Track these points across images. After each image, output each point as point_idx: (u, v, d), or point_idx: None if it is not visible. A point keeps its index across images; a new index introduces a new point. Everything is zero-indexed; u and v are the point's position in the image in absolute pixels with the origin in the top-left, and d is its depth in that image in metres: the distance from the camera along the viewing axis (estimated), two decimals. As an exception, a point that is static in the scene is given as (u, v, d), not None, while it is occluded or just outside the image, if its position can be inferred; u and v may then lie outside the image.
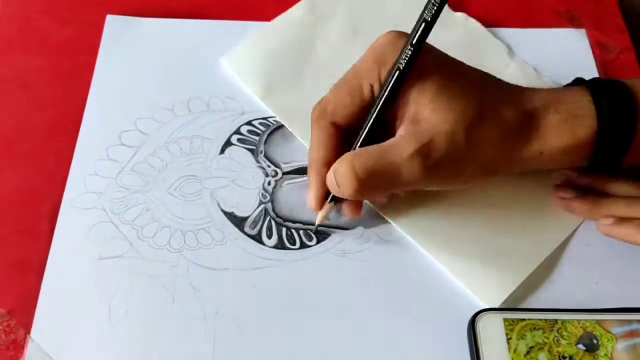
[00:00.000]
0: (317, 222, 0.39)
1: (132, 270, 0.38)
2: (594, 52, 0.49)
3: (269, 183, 0.42)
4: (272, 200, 0.41)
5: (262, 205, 0.41)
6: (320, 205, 0.38)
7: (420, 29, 0.34)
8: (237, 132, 0.44)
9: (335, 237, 0.40)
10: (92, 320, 0.36)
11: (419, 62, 0.34)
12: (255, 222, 0.40)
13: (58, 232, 0.39)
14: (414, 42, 0.34)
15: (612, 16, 0.52)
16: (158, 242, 0.39)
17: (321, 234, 0.40)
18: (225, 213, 0.41)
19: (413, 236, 0.40)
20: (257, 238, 0.40)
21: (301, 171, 0.43)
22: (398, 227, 0.40)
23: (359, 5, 0.50)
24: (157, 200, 0.41)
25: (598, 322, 0.36)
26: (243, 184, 0.42)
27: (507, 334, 0.35)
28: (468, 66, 0.37)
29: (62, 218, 0.40)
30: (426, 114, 0.35)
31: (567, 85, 0.40)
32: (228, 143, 0.43)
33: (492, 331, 0.35)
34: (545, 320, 0.36)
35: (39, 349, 0.35)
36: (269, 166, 0.43)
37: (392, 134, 0.36)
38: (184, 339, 0.36)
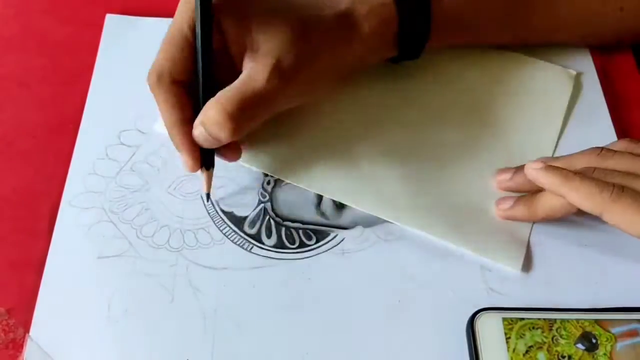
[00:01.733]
0: (205, 190, 0.40)
1: (131, 269, 0.38)
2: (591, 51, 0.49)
3: (268, 182, 0.42)
4: (271, 200, 0.41)
5: (262, 205, 0.41)
6: (198, 164, 0.38)
7: None
8: (237, 131, 0.44)
9: (334, 237, 0.40)
10: (91, 319, 0.36)
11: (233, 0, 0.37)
12: (254, 222, 0.40)
13: (57, 231, 0.39)
14: None
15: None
16: (157, 241, 0.39)
17: (320, 234, 0.40)
18: (224, 212, 0.41)
19: (409, 223, 0.40)
20: (256, 237, 0.40)
21: (300, 171, 0.43)
22: (392, 219, 0.40)
23: None
24: (157, 199, 0.41)
25: (597, 321, 0.36)
26: (242, 183, 0.42)
27: (505, 334, 0.35)
28: None
29: (61, 217, 0.40)
30: (261, 40, 0.37)
31: None
32: (227, 142, 0.43)
33: (490, 330, 0.35)
34: (544, 319, 0.36)
35: (37, 347, 0.35)
36: (268, 165, 0.43)
37: (237, 74, 0.37)
38: (183, 338, 0.36)
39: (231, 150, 0.40)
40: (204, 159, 0.38)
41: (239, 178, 0.42)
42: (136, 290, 0.37)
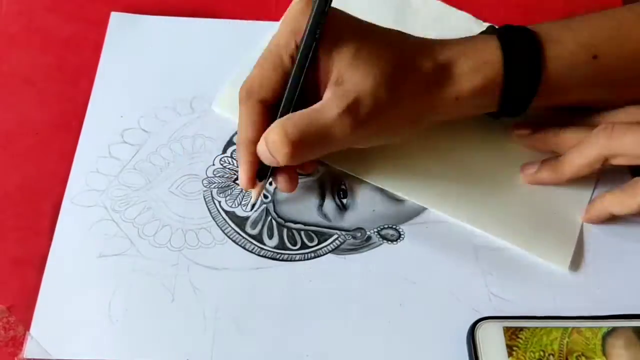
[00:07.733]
0: (252, 201, 0.40)
1: (133, 268, 0.38)
2: None
3: (270, 183, 0.42)
4: (273, 201, 0.41)
5: (264, 206, 0.41)
6: (253, 183, 0.38)
7: None
8: (240, 131, 0.44)
9: (336, 239, 0.40)
10: (92, 317, 0.36)
11: (333, 27, 0.36)
12: (256, 222, 0.40)
13: (59, 229, 0.39)
14: (315, 6, 0.35)
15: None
16: (159, 240, 0.39)
17: (322, 235, 0.40)
18: (226, 212, 0.41)
19: (457, 215, 0.41)
20: (257, 238, 0.40)
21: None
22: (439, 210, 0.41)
23: None
24: (159, 198, 0.41)
25: (598, 329, 0.36)
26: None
27: (506, 343, 0.35)
28: (381, 27, 0.38)
29: (63, 215, 0.40)
30: (348, 75, 0.36)
31: (481, 33, 0.41)
32: (230, 142, 0.43)
33: (491, 340, 0.35)
34: (546, 328, 0.36)
35: (38, 345, 0.35)
36: (271, 166, 0.43)
37: (318, 100, 0.37)
38: (183, 337, 0.36)
39: (287, 179, 0.39)
40: (260, 171, 0.38)
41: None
42: (137, 289, 0.37)
